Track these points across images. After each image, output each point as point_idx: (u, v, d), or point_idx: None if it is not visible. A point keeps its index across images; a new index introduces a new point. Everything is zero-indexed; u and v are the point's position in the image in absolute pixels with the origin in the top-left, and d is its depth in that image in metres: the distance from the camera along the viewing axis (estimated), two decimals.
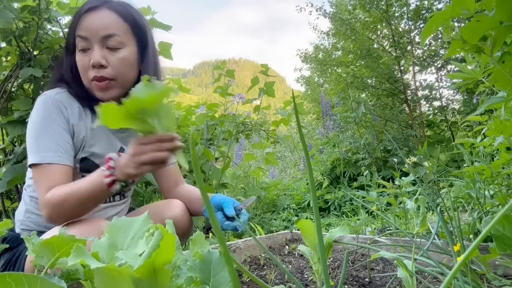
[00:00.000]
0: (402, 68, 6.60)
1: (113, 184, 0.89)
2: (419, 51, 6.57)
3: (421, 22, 6.38)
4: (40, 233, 0.94)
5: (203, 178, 2.14)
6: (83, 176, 1.04)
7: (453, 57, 3.44)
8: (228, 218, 1.04)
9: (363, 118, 5.69)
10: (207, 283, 0.48)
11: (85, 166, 1.06)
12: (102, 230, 0.88)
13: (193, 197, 1.20)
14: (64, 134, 0.99)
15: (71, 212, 0.92)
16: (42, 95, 1.02)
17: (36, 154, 0.96)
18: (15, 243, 0.99)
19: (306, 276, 1.22)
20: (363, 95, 6.63)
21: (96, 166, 1.06)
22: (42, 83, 1.70)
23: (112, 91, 1.03)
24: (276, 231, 2.97)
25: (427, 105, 6.77)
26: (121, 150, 1.13)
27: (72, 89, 1.05)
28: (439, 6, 6.09)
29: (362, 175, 4.55)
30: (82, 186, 0.91)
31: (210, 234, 2.25)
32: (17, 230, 1.09)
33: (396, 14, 6.68)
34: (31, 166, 0.97)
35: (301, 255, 1.52)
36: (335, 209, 4.30)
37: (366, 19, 6.78)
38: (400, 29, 6.83)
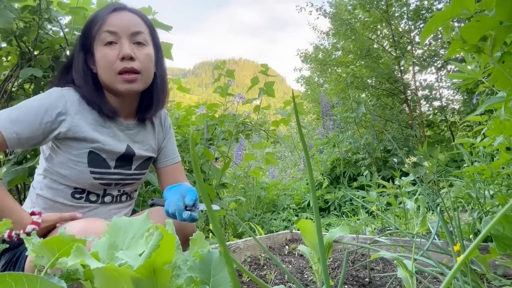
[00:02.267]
0: (402, 68, 6.60)
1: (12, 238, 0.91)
2: (419, 51, 6.56)
3: (421, 22, 6.38)
4: None
5: (203, 178, 2.14)
6: (91, 172, 1.06)
7: (453, 57, 3.44)
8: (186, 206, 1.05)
9: (363, 118, 5.69)
10: (207, 283, 0.48)
11: (93, 160, 1.07)
12: (102, 230, 0.88)
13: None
14: (34, 130, 0.99)
15: None
16: (54, 88, 1.07)
17: (2, 116, 0.96)
18: (16, 242, 0.99)
19: (306, 276, 1.22)
20: (363, 95, 6.62)
21: (104, 162, 1.09)
22: (42, 83, 1.70)
23: (136, 85, 1.08)
24: (276, 231, 2.97)
25: (427, 105, 6.77)
26: (128, 148, 1.15)
27: (82, 92, 1.08)
28: (439, 6, 6.09)
29: (362, 175, 4.55)
30: (4, 207, 0.93)
31: (210, 234, 2.26)
32: None
33: (396, 14, 6.68)
34: None
35: (301, 255, 1.52)
36: (335, 209, 4.30)
37: (366, 19, 6.78)
38: (400, 29, 6.83)
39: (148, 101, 1.18)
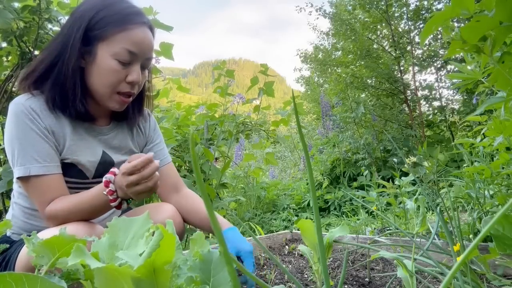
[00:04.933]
0: (402, 68, 6.60)
1: (121, 204, 0.93)
2: (419, 51, 6.57)
3: (421, 22, 6.38)
4: None
5: (203, 178, 2.14)
6: (67, 182, 1.01)
7: (453, 57, 3.44)
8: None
9: (363, 118, 5.69)
10: (207, 283, 0.48)
11: (68, 172, 1.02)
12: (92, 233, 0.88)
13: (195, 210, 1.16)
14: (44, 143, 0.96)
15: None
16: (12, 104, 0.98)
17: (21, 167, 0.93)
18: (13, 244, 0.99)
19: (306, 276, 1.22)
20: (363, 95, 6.63)
21: (80, 173, 1.03)
22: None
23: (126, 105, 1.07)
24: (276, 231, 2.97)
25: (427, 105, 6.77)
26: (104, 154, 1.09)
27: (63, 93, 0.99)
28: (439, 6, 6.09)
29: (362, 175, 4.55)
30: (86, 203, 0.93)
31: (210, 234, 2.26)
32: (8, 233, 1.09)
33: (396, 14, 6.68)
34: (18, 179, 0.95)
35: (301, 255, 1.52)
36: (335, 209, 4.30)
37: (366, 19, 6.78)
38: (400, 29, 6.83)
39: (126, 108, 1.11)
